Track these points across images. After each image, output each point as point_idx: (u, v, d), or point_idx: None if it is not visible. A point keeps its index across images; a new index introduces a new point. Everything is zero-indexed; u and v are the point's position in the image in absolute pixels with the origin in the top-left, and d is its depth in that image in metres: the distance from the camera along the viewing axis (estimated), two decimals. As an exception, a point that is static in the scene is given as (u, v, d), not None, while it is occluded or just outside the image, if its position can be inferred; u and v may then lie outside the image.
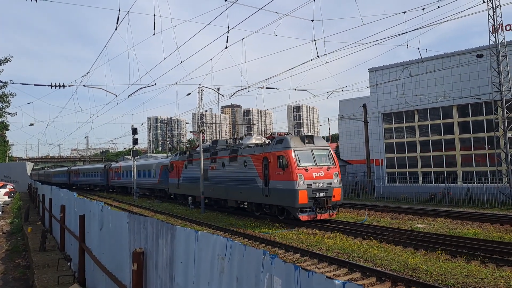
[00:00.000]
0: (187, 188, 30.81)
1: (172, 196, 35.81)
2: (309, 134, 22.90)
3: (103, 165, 56.46)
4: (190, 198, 32.62)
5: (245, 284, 2.72)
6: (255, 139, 25.81)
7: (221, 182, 25.71)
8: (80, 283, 8.47)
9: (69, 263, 10.48)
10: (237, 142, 27.02)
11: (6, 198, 32.31)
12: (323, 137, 48.27)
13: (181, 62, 18.58)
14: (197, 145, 35.90)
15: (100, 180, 55.80)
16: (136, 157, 43.59)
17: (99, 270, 6.88)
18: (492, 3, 26.99)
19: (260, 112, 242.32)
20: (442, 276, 10.62)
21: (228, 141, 29.46)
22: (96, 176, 57.51)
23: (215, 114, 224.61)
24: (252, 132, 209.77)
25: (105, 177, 53.83)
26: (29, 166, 72.09)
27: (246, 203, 24.26)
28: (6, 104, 40.75)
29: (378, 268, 11.50)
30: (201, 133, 32.03)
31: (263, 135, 34.28)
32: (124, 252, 5.51)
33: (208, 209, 27.73)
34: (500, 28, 27.24)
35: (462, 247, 13.61)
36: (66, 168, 74.26)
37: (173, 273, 3.94)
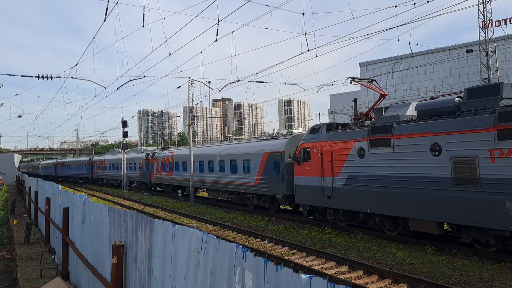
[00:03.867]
0: (371, 199, 14.18)
1: (290, 208, 21.27)
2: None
3: (144, 154, 40.62)
4: (179, 191, 29.32)
5: (219, 277, 2.66)
6: None
7: None
8: (63, 277, 8.36)
9: (53, 256, 10.36)
10: None
11: None
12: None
13: (170, 54, 18.37)
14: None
15: (140, 175, 40.81)
16: (126, 150, 43.08)
17: (82, 264, 6.77)
18: (482, -1, 27.11)
19: (251, 106, 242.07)
20: (429, 269, 10.69)
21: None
22: (134, 169, 42.34)
23: (206, 108, 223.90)
24: (243, 126, 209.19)
25: (148, 171, 38.82)
26: (17, 158, 71.32)
27: None
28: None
29: (365, 262, 11.54)
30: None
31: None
32: (105, 245, 5.42)
33: (198, 202, 27.56)
34: (490, 23, 27.39)
35: (449, 241, 13.69)
36: (87, 159, 58.11)
37: (151, 267, 3.86)
